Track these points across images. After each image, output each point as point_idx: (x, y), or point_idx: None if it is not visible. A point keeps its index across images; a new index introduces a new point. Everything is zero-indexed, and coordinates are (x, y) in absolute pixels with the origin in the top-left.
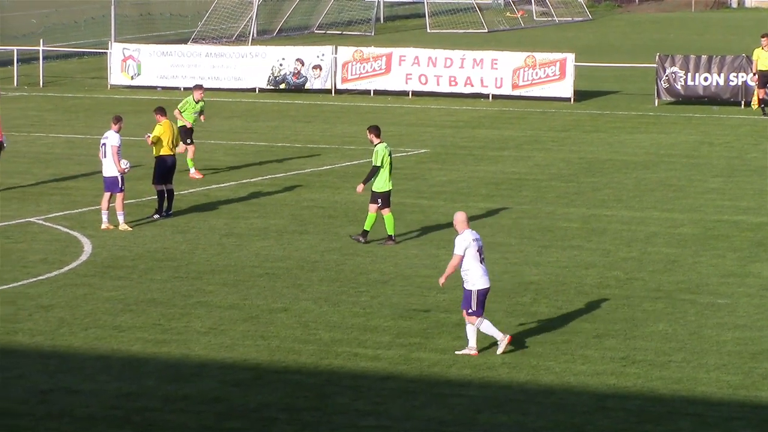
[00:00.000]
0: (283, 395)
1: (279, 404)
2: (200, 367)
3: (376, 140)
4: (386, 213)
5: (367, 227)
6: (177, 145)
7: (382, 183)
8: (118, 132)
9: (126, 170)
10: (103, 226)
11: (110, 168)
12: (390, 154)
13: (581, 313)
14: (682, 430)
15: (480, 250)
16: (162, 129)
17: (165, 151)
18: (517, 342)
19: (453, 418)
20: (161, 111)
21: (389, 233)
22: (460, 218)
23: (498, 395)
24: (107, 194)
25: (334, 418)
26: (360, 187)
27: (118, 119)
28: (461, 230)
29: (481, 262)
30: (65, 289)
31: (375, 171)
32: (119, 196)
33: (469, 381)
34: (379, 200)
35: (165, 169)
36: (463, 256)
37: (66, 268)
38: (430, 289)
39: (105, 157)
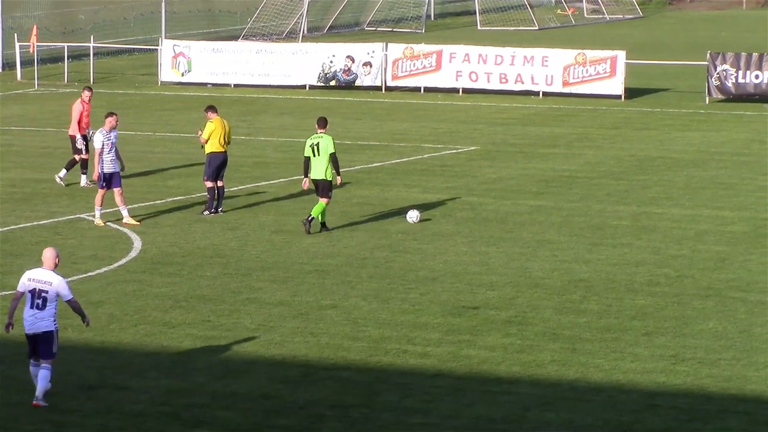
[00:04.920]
0: (331, 392)
1: (328, 401)
2: (249, 363)
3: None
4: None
5: (321, 218)
6: (228, 143)
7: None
8: (101, 131)
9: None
10: (125, 220)
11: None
12: (311, 145)
13: (631, 311)
14: (732, 428)
15: None
16: (213, 126)
17: (216, 148)
18: (567, 339)
19: (502, 415)
20: (212, 109)
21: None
22: (49, 255)
23: (547, 393)
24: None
25: (383, 416)
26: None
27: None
28: (53, 268)
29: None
30: (115, 285)
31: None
32: (100, 191)
33: (518, 379)
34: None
35: (216, 166)
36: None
37: (116, 265)
38: (479, 286)
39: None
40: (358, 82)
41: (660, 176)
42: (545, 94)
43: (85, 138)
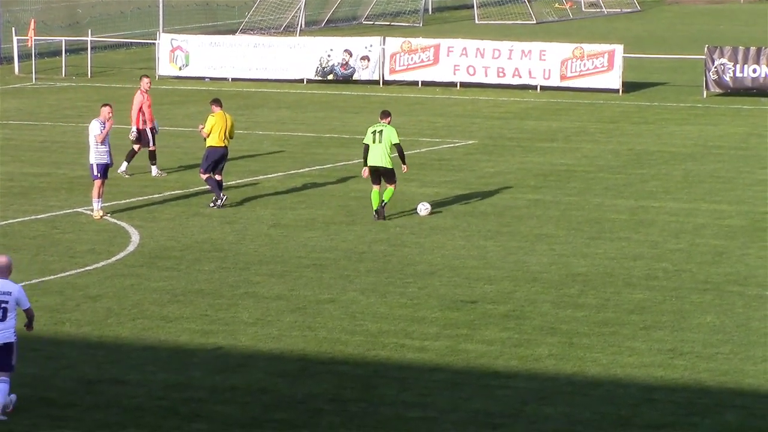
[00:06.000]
0: (329, 386)
1: (325, 395)
2: (247, 357)
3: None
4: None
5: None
6: (231, 137)
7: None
8: (98, 120)
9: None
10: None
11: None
12: (373, 132)
13: (629, 305)
14: (730, 422)
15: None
16: (214, 120)
17: (216, 142)
18: (565, 333)
19: (499, 409)
20: (216, 102)
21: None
22: (3, 263)
23: (545, 387)
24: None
25: (381, 410)
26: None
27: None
28: (7, 276)
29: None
30: (113, 279)
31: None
32: (96, 183)
33: (515, 373)
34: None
35: (213, 160)
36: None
37: (113, 259)
38: (477, 280)
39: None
40: (355, 76)
41: (658, 170)
42: (543, 88)
43: (153, 130)
